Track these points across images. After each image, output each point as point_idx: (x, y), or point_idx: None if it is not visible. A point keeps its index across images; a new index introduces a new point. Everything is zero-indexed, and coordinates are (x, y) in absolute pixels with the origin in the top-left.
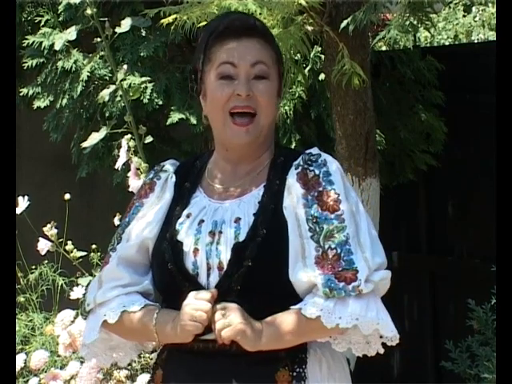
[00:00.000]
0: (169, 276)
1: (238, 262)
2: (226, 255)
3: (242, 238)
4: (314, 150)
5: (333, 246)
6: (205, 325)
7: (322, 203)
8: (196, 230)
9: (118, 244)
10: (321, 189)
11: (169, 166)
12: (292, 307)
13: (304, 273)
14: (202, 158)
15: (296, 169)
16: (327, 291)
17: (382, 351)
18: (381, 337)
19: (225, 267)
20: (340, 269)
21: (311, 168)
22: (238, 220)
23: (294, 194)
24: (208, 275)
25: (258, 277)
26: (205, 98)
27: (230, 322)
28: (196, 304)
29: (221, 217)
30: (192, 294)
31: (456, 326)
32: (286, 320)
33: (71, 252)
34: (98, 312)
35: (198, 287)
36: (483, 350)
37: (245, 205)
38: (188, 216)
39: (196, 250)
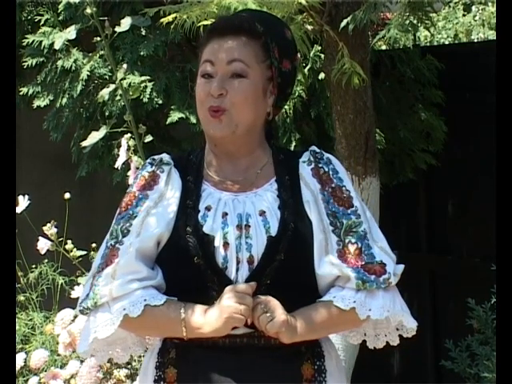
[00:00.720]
0: (195, 270)
1: (270, 256)
2: (257, 249)
3: (273, 231)
4: (315, 148)
5: (353, 241)
6: (247, 318)
7: (337, 199)
8: (222, 224)
9: (124, 237)
10: (333, 185)
11: (168, 159)
12: (321, 299)
13: (331, 266)
14: (195, 153)
15: (308, 165)
16: (360, 283)
17: (396, 342)
18: (397, 329)
19: (255, 261)
20: (363, 262)
21: (320, 165)
22: (262, 213)
23: (312, 189)
24: (237, 269)
25: (289, 271)
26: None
27: (273, 315)
28: (239, 297)
29: (243, 210)
30: (231, 288)
31: (456, 325)
32: (318, 312)
33: (71, 251)
34: (113, 306)
35: (227, 282)
36: (483, 349)
37: (262, 198)
38: (208, 209)
39: (226, 244)
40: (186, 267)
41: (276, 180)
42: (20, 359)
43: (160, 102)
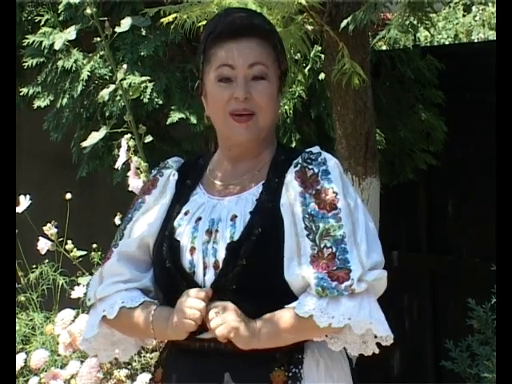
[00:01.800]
0: (167, 274)
1: (232, 261)
2: (221, 254)
3: (236, 236)
4: (315, 149)
5: (328, 245)
6: (198, 323)
7: (319, 201)
8: (193, 228)
9: (120, 240)
10: (319, 187)
11: (172, 163)
12: (286, 306)
13: (298, 271)
14: (205, 156)
15: (295, 167)
16: (320, 290)
17: (377, 351)
18: (375, 337)
19: (220, 266)
20: (334, 268)
21: (310, 166)
22: (234, 218)
23: (291, 192)
24: (204, 274)
25: (253, 276)
26: (206, 98)
27: (223, 319)
28: (190, 302)
29: (218, 215)
30: (186, 292)
31: (456, 325)
32: (280, 318)
33: (71, 251)
34: (98, 307)
35: (195, 286)
36: (483, 349)
37: (242, 202)
38: (186, 213)
39: (193, 249)
40: (161, 271)
41: (263, 183)
42: (20, 359)
43: (160, 102)
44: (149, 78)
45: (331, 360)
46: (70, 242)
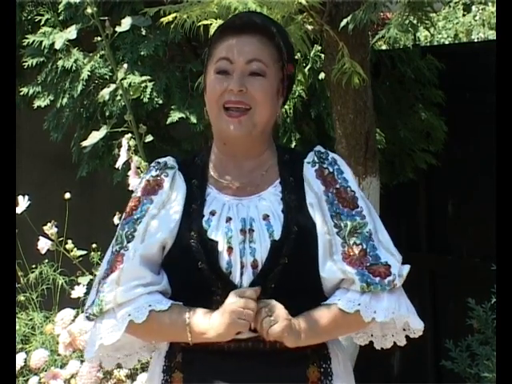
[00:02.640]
0: (199, 275)
1: (274, 260)
2: (260, 253)
3: (276, 235)
4: (320, 148)
5: (358, 242)
6: (251, 323)
7: (341, 200)
8: (226, 228)
9: (129, 242)
10: (338, 186)
11: (172, 162)
12: (325, 302)
13: (335, 268)
14: (200, 155)
15: (312, 166)
16: (364, 286)
17: (403, 343)
18: (404, 330)
19: (259, 265)
20: (368, 264)
21: (325, 165)
22: (266, 217)
23: (316, 191)
24: (241, 274)
25: (293, 274)
26: (205, 93)
27: (276, 319)
28: (243, 303)
29: (246, 214)
30: (235, 293)
31: (456, 325)
32: (323, 315)
33: (71, 251)
34: (118, 312)
35: (231, 286)
36: (483, 349)
37: (265, 202)
38: (212, 214)
39: (230, 249)
40: (190, 272)
41: (280, 182)
42: (20, 359)
43: (160, 101)
44: (149, 77)
45: (344, 355)
46: (69, 241)
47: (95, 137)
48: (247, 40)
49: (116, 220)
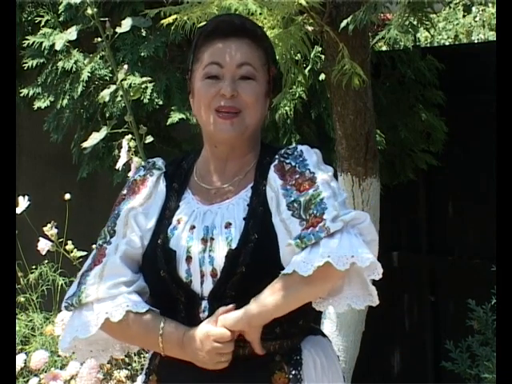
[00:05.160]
0: (162, 283)
1: (231, 269)
2: (219, 262)
3: (234, 244)
4: (292, 146)
5: (311, 212)
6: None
7: (299, 186)
8: (188, 237)
9: (111, 237)
10: (297, 176)
11: (161, 164)
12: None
13: (286, 247)
14: (188, 158)
15: (273, 162)
16: (298, 242)
17: (375, 292)
18: (368, 275)
19: (218, 274)
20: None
21: (287, 161)
22: (228, 225)
23: (273, 185)
24: (202, 282)
25: (252, 282)
26: (193, 97)
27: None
28: (221, 348)
29: (211, 222)
30: (211, 332)
31: (456, 325)
32: (268, 289)
33: (71, 252)
34: (95, 307)
35: (192, 295)
36: (483, 349)
37: (234, 208)
38: (179, 221)
39: (189, 258)
40: (155, 279)
41: (252, 187)
42: (20, 360)
43: (160, 102)
44: (149, 78)
45: (326, 359)
46: (70, 242)
47: (95, 138)
48: (236, 44)
49: None
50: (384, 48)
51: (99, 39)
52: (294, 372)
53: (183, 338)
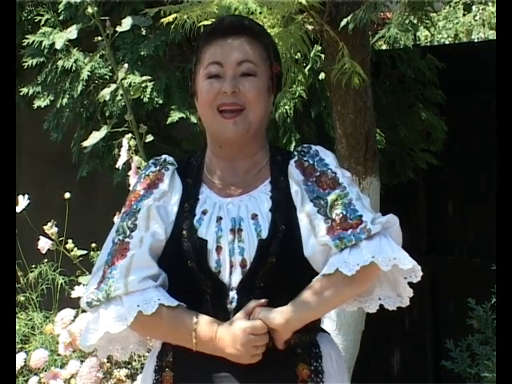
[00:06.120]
0: (189, 274)
1: (262, 259)
2: (249, 253)
3: (264, 234)
4: (306, 145)
5: (338, 212)
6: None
7: (321, 184)
8: (216, 228)
9: (132, 232)
10: (318, 174)
11: (172, 159)
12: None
13: (315, 242)
14: (195, 156)
15: (292, 158)
16: (338, 243)
17: (411, 294)
18: (405, 278)
19: (248, 265)
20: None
21: (305, 158)
22: (255, 216)
23: (297, 179)
24: (230, 273)
25: (282, 272)
26: (196, 98)
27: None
28: (256, 341)
29: (237, 213)
30: (247, 325)
31: (456, 325)
32: (308, 290)
33: (71, 251)
34: (125, 300)
35: (220, 285)
36: (483, 349)
37: (255, 200)
38: (204, 213)
39: (219, 248)
40: (181, 270)
41: (270, 181)
42: (20, 359)
43: (160, 101)
44: (149, 77)
45: (337, 354)
46: (70, 241)
47: (95, 137)
48: (235, 42)
49: (116, 220)
50: (384, 47)
51: (99, 38)
52: (315, 364)
53: (216, 332)
